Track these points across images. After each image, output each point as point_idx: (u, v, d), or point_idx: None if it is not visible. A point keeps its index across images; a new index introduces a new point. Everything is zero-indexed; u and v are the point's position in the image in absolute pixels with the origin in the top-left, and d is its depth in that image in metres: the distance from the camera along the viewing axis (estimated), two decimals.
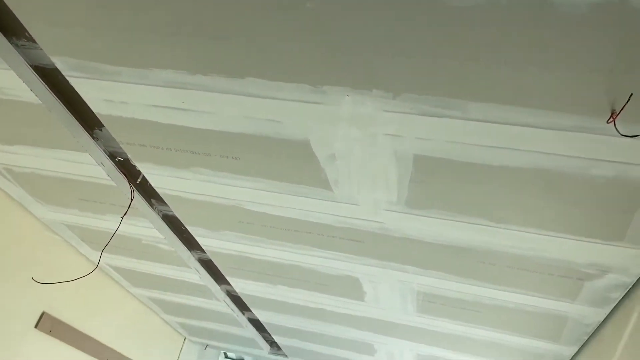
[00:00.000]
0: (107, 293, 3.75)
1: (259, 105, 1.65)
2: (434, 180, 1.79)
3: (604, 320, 2.33)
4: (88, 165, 2.30)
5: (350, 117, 1.60)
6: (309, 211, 2.17)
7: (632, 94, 1.23)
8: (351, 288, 2.79)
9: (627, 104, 1.27)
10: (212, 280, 3.31)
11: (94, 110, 1.89)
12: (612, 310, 2.23)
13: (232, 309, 3.68)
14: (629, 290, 2.06)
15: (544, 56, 1.23)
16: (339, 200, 2.04)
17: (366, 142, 1.69)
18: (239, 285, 3.19)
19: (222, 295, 3.49)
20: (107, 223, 2.82)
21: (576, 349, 2.68)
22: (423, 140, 1.63)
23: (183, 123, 1.82)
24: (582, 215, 1.74)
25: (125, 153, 2.12)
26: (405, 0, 1.19)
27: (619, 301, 2.15)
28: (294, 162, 1.88)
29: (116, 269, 3.53)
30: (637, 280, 1.98)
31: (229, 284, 3.23)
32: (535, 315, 2.48)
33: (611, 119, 1.29)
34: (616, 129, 1.31)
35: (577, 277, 2.08)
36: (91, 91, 1.79)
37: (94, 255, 3.20)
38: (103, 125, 1.99)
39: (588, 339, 2.53)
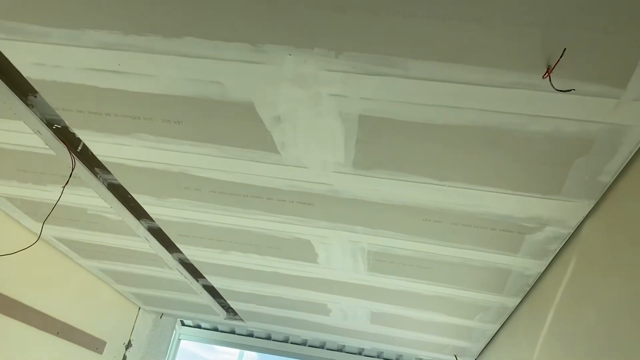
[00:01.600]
0: (55, 266, 3.65)
1: (199, 66, 1.61)
2: (379, 140, 1.80)
3: (544, 272, 2.44)
4: (24, 134, 2.20)
5: (294, 77, 1.58)
6: (257, 175, 2.15)
7: (565, 49, 1.26)
8: (303, 250, 2.81)
9: (562, 59, 1.30)
10: (163, 248, 3.27)
11: (25, 75, 1.79)
12: (551, 262, 2.34)
13: (185, 277, 3.65)
14: (566, 242, 2.16)
15: (481, 10, 1.24)
16: (286, 163, 2.03)
17: (311, 103, 1.68)
18: (191, 253, 3.16)
19: (174, 263, 3.45)
20: (49, 194, 2.72)
21: (519, 300, 2.81)
22: (367, 100, 1.62)
23: (121, 87, 1.75)
24: (521, 171, 1.80)
25: (63, 120, 2.03)
26: None
27: (558, 252, 2.25)
28: (239, 125, 1.85)
29: (63, 240, 3.43)
30: (573, 232, 2.07)
31: (180, 251, 3.19)
32: (481, 270, 2.57)
33: (546, 74, 1.32)
34: (551, 84, 1.34)
35: (518, 231, 2.16)
36: (19, 54, 1.69)
37: (38, 228, 3.09)
38: (37, 92, 1.89)
39: (530, 289, 2.66)
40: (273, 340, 5.66)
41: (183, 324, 5.85)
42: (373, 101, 1.62)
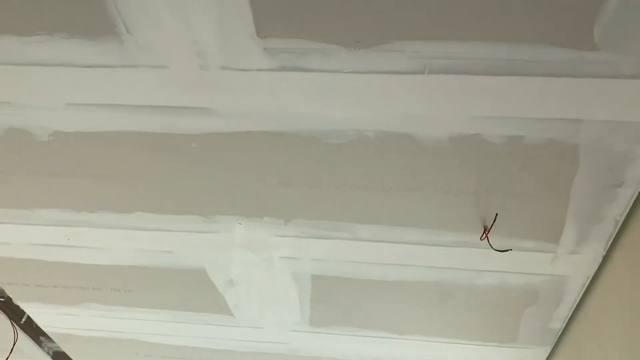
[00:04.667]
0: None
1: (150, 237, 1.62)
2: (334, 298, 1.80)
3: None
4: None
5: (244, 243, 1.61)
6: (211, 338, 2.08)
7: (497, 214, 1.34)
8: None
9: (496, 222, 1.38)
10: None
11: None
12: None
13: None
14: None
15: (415, 181, 1.33)
16: (241, 325, 1.99)
17: (263, 266, 1.69)
18: None
19: None
20: None
21: None
22: (318, 261, 1.65)
23: (69, 260, 1.73)
24: (476, 321, 1.81)
25: (7, 293, 1.96)
26: (286, 138, 1.26)
27: None
28: (191, 290, 1.83)
29: None
30: None
31: None
32: None
33: (484, 236, 1.39)
34: (490, 244, 1.41)
35: None
36: None
37: None
38: None
39: None
40: None
41: None
42: (324, 262, 1.65)
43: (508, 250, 1.43)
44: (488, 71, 1.06)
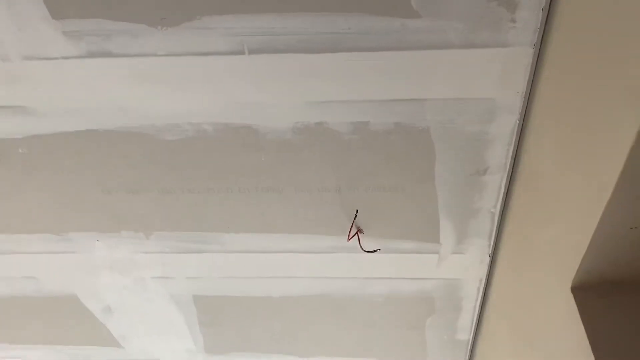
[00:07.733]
0: None
1: (6, 262, 1.47)
2: (224, 321, 1.66)
3: None
4: None
5: (109, 263, 1.47)
6: None
7: (357, 210, 1.23)
8: None
9: (367, 220, 1.27)
10: None
11: None
12: None
13: None
14: None
15: (270, 181, 1.21)
16: (133, 357, 1.82)
17: (137, 289, 1.55)
18: None
19: None
20: None
21: None
22: (195, 280, 1.52)
23: None
24: (379, 338, 1.68)
25: None
26: (116, 136, 1.14)
27: None
28: (69, 321, 1.67)
29: None
30: None
31: None
32: None
33: (350, 237, 1.28)
34: (360, 246, 1.29)
35: None
36: None
37: None
38: None
39: None
40: None
41: None
42: (200, 280, 1.51)
43: (377, 250, 1.31)
44: (311, 48, 0.97)
